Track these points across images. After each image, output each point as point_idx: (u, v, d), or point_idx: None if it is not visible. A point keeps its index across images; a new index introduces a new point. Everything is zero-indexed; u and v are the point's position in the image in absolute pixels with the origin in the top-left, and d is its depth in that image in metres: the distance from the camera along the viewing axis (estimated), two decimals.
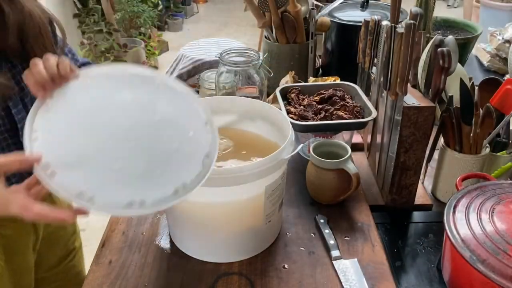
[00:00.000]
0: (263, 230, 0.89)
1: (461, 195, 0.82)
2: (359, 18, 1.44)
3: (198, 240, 0.89)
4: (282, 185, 0.88)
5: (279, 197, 0.88)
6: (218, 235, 0.87)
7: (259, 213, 0.85)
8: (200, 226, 0.87)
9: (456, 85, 1.03)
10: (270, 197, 0.85)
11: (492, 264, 0.67)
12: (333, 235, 0.92)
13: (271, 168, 0.79)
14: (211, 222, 0.86)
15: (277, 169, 0.81)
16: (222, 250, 0.89)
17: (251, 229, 0.87)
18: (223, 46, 2.13)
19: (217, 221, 0.86)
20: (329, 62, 1.62)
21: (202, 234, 0.88)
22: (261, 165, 0.77)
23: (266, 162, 0.78)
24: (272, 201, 0.86)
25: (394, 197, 1.03)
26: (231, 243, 0.88)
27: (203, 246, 0.89)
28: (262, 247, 0.91)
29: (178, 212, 0.87)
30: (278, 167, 0.81)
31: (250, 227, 0.87)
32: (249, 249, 0.89)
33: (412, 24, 0.86)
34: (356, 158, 1.21)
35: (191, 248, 0.90)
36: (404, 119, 0.93)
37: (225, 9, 5.99)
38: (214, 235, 0.87)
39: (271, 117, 0.96)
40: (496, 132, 1.01)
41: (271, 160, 0.78)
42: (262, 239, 0.91)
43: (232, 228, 0.86)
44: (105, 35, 3.58)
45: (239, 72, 1.22)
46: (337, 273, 0.85)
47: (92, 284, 0.83)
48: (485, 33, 1.78)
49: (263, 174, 0.78)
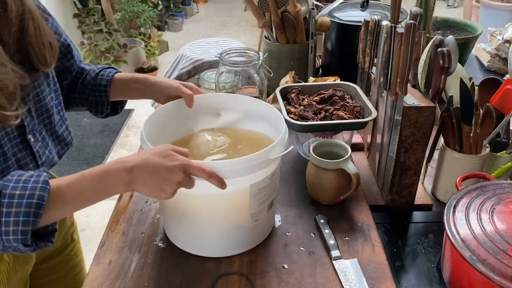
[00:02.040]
0: (250, 228, 0.89)
1: (461, 195, 0.82)
2: (359, 18, 1.45)
3: (186, 232, 0.90)
4: (272, 186, 0.88)
5: (267, 197, 0.87)
6: (205, 229, 0.87)
7: (245, 211, 0.85)
8: (187, 219, 0.87)
9: (456, 85, 1.03)
10: (257, 196, 0.85)
11: (492, 264, 0.67)
12: (333, 235, 0.92)
13: (255, 166, 0.79)
14: (197, 215, 0.86)
15: (263, 168, 0.81)
16: (209, 245, 0.89)
17: (238, 226, 0.88)
18: (223, 46, 2.13)
19: (203, 215, 0.86)
20: (329, 62, 1.62)
21: (190, 227, 0.88)
22: (244, 162, 0.78)
23: (249, 159, 0.78)
24: (259, 200, 0.86)
25: (394, 197, 1.03)
26: (217, 238, 0.88)
27: (191, 238, 0.90)
28: (250, 245, 0.91)
29: (169, 204, 0.87)
30: (265, 166, 0.81)
31: (236, 224, 0.87)
32: (236, 246, 0.90)
33: (412, 24, 0.86)
34: (356, 158, 1.21)
35: (180, 240, 0.91)
36: (404, 119, 0.93)
37: (225, 9, 5.99)
38: (201, 228, 0.88)
39: (270, 117, 0.96)
40: (496, 132, 1.01)
41: (256, 158, 0.78)
42: (249, 238, 0.91)
43: (218, 223, 0.87)
44: (105, 35, 3.59)
45: (239, 72, 1.22)
46: (337, 273, 0.85)
47: (92, 284, 0.83)
48: (485, 33, 1.78)
49: (246, 171, 0.78)
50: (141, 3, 4.10)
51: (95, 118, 3.27)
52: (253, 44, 4.51)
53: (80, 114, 3.08)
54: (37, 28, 0.80)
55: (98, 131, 3.12)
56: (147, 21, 4.08)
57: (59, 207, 0.70)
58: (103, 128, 3.17)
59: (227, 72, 1.22)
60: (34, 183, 0.68)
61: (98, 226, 2.28)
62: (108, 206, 2.90)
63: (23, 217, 0.65)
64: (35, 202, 0.66)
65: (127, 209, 1.02)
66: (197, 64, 1.97)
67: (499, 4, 3.34)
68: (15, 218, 0.65)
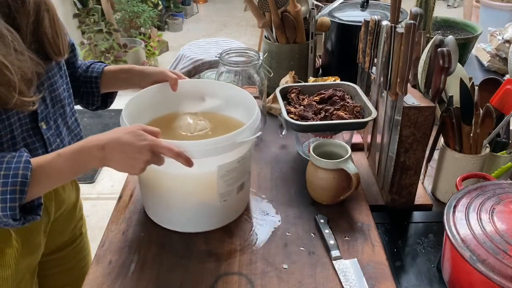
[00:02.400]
0: (218, 207, 0.94)
1: (461, 195, 0.82)
2: (359, 18, 1.45)
3: (160, 207, 0.96)
4: (241, 169, 0.93)
5: (236, 180, 0.92)
6: (177, 205, 0.93)
7: (213, 191, 0.91)
8: (161, 195, 0.93)
9: (456, 85, 1.03)
10: (225, 177, 0.90)
11: (492, 264, 0.67)
12: (333, 235, 0.92)
13: (223, 148, 0.84)
14: (169, 192, 0.92)
15: (231, 151, 0.86)
16: (180, 220, 0.95)
17: (207, 205, 0.93)
18: (223, 46, 2.14)
19: (174, 191, 0.92)
20: (329, 62, 1.62)
21: (163, 202, 0.94)
22: (211, 143, 0.83)
23: (216, 142, 0.83)
24: (227, 182, 0.91)
25: (394, 197, 1.03)
26: (188, 214, 0.94)
27: (165, 214, 0.96)
28: (220, 224, 0.96)
29: (144, 180, 0.95)
30: (232, 149, 0.86)
31: (205, 202, 0.93)
32: (206, 224, 0.95)
33: (412, 24, 0.86)
34: (356, 158, 1.21)
35: (156, 215, 0.98)
36: (404, 119, 0.93)
37: (225, 9, 5.99)
38: (173, 204, 0.93)
39: (247, 104, 1.00)
40: (496, 132, 1.01)
41: (223, 141, 0.84)
42: (219, 216, 0.96)
43: (188, 200, 0.93)
44: (105, 35, 3.58)
45: (239, 72, 1.22)
46: (337, 273, 0.85)
47: (92, 284, 0.84)
48: (485, 33, 1.78)
49: (213, 153, 0.83)
50: (141, 3, 4.10)
51: (95, 118, 3.29)
52: (253, 44, 4.51)
53: (81, 114, 3.08)
54: (51, 19, 0.85)
55: (98, 131, 3.11)
56: (147, 21, 4.08)
57: (42, 183, 0.76)
58: (103, 128, 3.17)
59: (227, 72, 1.22)
60: (17, 163, 0.73)
61: (98, 226, 2.28)
62: (108, 206, 2.91)
63: (10, 194, 0.71)
64: (19, 181, 0.72)
65: (127, 209, 1.02)
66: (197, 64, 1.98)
67: (499, 4, 3.34)
68: (3, 196, 0.71)
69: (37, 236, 0.96)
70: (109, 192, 2.59)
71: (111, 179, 2.70)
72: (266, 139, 1.29)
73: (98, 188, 2.66)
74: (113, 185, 2.66)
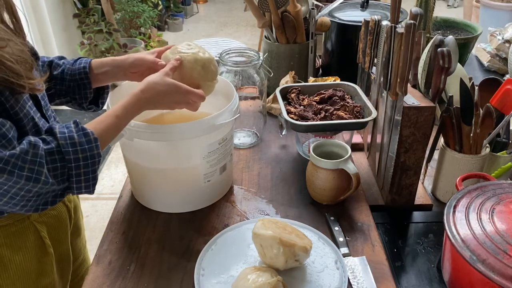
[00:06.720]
0: (202, 188, 1.01)
1: (461, 195, 0.82)
2: (359, 18, 1.45)
3: (148, 190, 1.02)
4: (223, 150, 1.00)
5: (218, 161, 1.00)
6: (163, 186, 1.00)
7: (196, 171, 0.98)
8: (148, 178, 1.00)
9: (456, 85, 1.03)
10: (207, 158, 0.97)
11: (492, 264, 0.67)
12: (343, 233, 0.93)
13: (204, 130, 0.91)
14: (155, 173, 0.98)
15: (212, 132, 0.93)
16: (166, 201, 1.01)
17: (191, 184, 1.00)
18: (223, 46, 2.14)
19: (160, 172, 0.98)
20: (329, 62, 1.62)
21: (150, 185, 1.01)
22: (192, 126, 0.90)
23: (197, 124, 0.90)
24: (210, 163, 0.98)
25: (394, 197, 1.03)
26: (173, 195, 1.01)
27: (153, 196, 1.02)
28: (204, 204, 1.03)
29: (131, 164, 1.02)
30: (213, 130, 0.93)
31: (190, 182, 1.00)
32: (191, 204, 1.02)
33: (412, 24, 0.86)
34: (356, 158, 1.21)
35: (145, 199, 1.03)
36: (404, 119, 0.93)
37: (225, 9, 5.99)
38: (159, 186, 1.00)
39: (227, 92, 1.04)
40: (496, 132, 1.01)
41: (203, 123, 0.91)
42: (203, 196, 1.03)
43: (174, 182, 0.99)
44: (105, 35, 3.58)
45: (239, 72, 1.22)
46: None
47: (92, 284, 0.84)
48: (485, 33, 1.78)
49: (195, 134, 0.91)
50: (141, 3, 4.10)
51: None
52: (253, 44, 4.51)
53: (81, 114, 3.08)
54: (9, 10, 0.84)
55: None
56: (147, 21, 4.08)
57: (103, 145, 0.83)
58: None
59: (227, 72, 1.22)
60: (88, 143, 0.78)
61: (98, 226, 2.28)
62: (108, 206, 2.91)
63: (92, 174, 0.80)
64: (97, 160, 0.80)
65: (127, 209, 1.02)
66: None
67: (499, 4, 3.34)
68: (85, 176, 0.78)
69: (65, 244, 0.99)
70: (109, 192, 2.59)
71: (111, 179, 2.71)
72: (266, 139, 1.29)
73: (98, 188, 2.65)
74: (113, 185, 2.66)
